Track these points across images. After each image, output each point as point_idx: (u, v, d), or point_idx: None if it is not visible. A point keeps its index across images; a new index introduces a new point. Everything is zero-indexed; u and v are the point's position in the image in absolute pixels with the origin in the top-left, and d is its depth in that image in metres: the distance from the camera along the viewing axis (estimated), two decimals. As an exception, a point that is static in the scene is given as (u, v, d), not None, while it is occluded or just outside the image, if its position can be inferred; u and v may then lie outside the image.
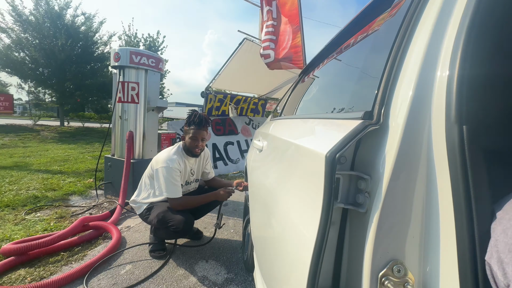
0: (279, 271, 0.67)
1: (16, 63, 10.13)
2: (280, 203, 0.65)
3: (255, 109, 6.63)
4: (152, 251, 1.78)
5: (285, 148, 0.70)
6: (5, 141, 7.32)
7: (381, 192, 0.36)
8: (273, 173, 0.78)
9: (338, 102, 0.68)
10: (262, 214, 0.95)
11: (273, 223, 0.72)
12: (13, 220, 2.17)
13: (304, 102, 0.98)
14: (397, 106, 0.40)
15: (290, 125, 0.83)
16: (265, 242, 0.82)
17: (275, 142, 0.88)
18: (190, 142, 1.76)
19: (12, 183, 3.24)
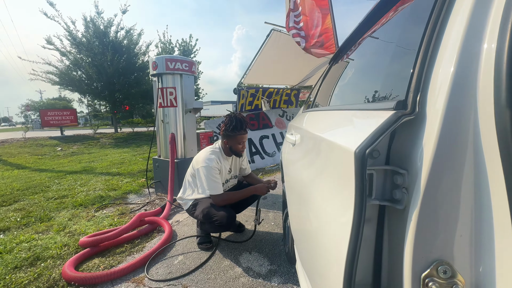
0: (318, 265, 0.67)
1: (75, 81, 11.65)
2: (314, 198, 0.64)
3: (288, 100, 6.51)
4: (200, 243, 1.92)
5: (315, 143, 0.68)
6: (74, 149, 8.55)
7: (419, 187, 0.33)
8: (306, 168, 0.77)
9: (370, 90, 0.63)
10: (298, 209, 0.95)
11: (309, 218, 0.72)
12: (86, 217, 2.55)
13: (335, 92, 0.93)
14: (435, 90, 0.35)
15: (320, 118, 0.80)
16: (304, 236, 0.83)
17: (306, 136, 0.86)
18: (235, 146, 1.87)
19: (82, 185, 3.79)
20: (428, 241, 0.33)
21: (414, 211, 0.33)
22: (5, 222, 2.44)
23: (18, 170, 5.42)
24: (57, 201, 3.05)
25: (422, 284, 0.32)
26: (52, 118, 11.35)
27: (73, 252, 1.85)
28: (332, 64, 1.16)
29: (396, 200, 0.38)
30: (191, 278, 1.55)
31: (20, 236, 2.10)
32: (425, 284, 0.32)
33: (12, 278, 1.54)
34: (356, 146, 0.37)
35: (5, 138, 10.10)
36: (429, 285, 0.32)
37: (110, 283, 1.52)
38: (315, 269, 0.71)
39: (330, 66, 1.19)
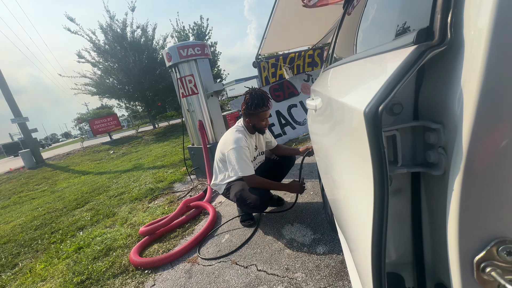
0: (352, 238, 0.61)
1: (109, 87, 12.54)
2: (336, 169, 0.57)
3: (312, 62, 6.05)
4: (243, 221, 1.99)
5: (330, 105, 0.59)
6: (124, 150, 9.47)
7: (461, 144, 0.24)
8: (326, 136, 0.68)
9: (385, 26, 0.49)
10: (327, 177, 0.88)
11: (336, 188, 0.65)
12: (142, 209, 2.85)
13: (349, 40, 0.78)
14: (474, 2, 0.24)
15: (335, 75, 0.68)
16: (335, 205, 0.77)
17: (323, 99, 0.76)
18: (259, 124, 1.82)
19: (135, 181, 4.21)
20: (481, 215, 0.24)
21: (456, 176, 0.25)
22: (82, 221, 2.87)
23: (84, 176, 6.26)
24: (118, 198, 3.45)
25: (476, 270, 0.25)
26: (99, 126, 12.61)
27: (136, 240, 2.10)
28: (345, 11, 0.98)
29: (431, 164, 0.29)
30: (238, 254, 1.64)
31: (94, 232, 2.45)
32: (481, 270, 0.24)
33: (94, 267, 1.83)
34: (366, 104, 0.28)
35: (68, 151, 11.63)
36: (487, 271, 0.24)
37: (169, 264, 1.70)
38: (350, 239, 0.66)
39: (344, 11, 1.00)
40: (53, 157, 10.50)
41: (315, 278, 1.29)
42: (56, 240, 2.52)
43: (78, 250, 2.16)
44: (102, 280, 1.67)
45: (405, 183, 0.34)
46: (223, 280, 1.43)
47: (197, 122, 3.19)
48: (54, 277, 1.84)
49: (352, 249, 0.61)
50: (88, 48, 11.85)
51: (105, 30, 11.59)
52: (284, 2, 4.00)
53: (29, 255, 2.35)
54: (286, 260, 1.47)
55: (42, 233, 2.81)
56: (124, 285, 1.58)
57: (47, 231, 2.82)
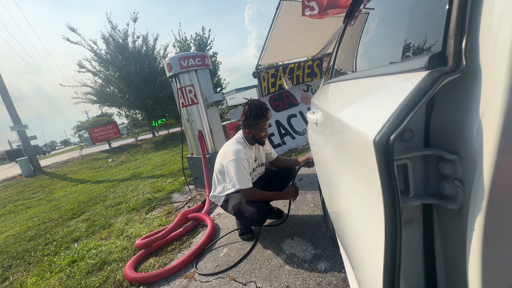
0: (357, 260, 0.58)
1: (110, 96, 12.61)
2: (340, 187, 0.54)
3: (312, 72, 6.12)
4: (241, 234, 1.94)
5: (332, 124, 0.57)
6: (122, 158, 9.42)
7: (482, 179, 0.22)
8: (328, 152, 0.67)
9: (394, 44, 0.48)
10: (329, 192, 0.85)
11: (340, 205, 0.62)
12: (139, 220, 2.79)
13: (352, 56, 0.77)
14: (491, 26, 0.22)
15: (338, 92, 0.67)
16: (339, 222, 0.74)
17: (325, 116, 0.74)
18: (258, 135, 1.81)
19: (132, 191, 4.15)
20: (508, 259, 0.22)
21: (478, 214, 0.23)
22: (77, 232, 2.80)
23: (81, 184, 6.18)
24: (114, 208, 3.39)
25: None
26: (99, 134, 12.59)
27: (132, 254, 2.04)
28: (347, 22, 0.98)
29: (446, 196, 0.27)
30: (237, 269, 1.58)
31: (89, 244, 2.38)
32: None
33: (87, 282, 1.76)
34: (376, 132, 0.26)
35: (67, 158, 11.57)
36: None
37: (165, 280, 1.64)
38: (354, 259, 0.63)
39: (345, 25, 1.00)
40: (51, 165, 10.43)
41: (317, 297, 1.24)
42: (49, 252, 2.45)
43: (72, 264, 2.09)
44: (95, 296, 1.61)
45: (417, 214, 0.31)
46: (221, 298, 1.38)
47: (196, 132, 3.18)
48: (45, 293, 1.78)
49: (356, 268, 0.58)
50: (89, 58, 12.01)
51: (107, 40, 11.76)
52: (284, 14, 4.09)
53: (21, 268, 2.28)
54: (287, 277, 1.42)
55: (36, 244, 2.74)
56: (117, 302, 1.52)
57: (41, 243, 2.75)
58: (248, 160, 1.80)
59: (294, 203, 2.22)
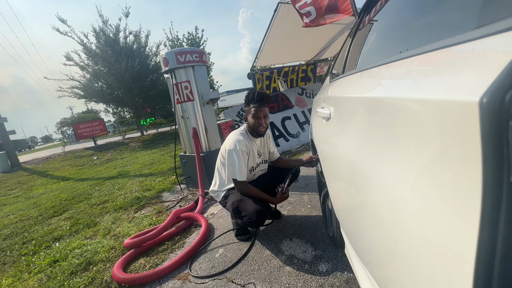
0: (394, 268, 0.54)
1: (98, 91, 12.19)
2: (376, 181, 0.51)
3: (305, 76, 6.19)
4: (238, 235, 1.88)
5: (374, 107, 0.54)
6: (108, 156, 9.09)
7: None
8: (356, 143, 0.63)
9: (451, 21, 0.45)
10: (346, 191, 0.82)
11: (368, 204, 0.59)
12: (127, 219, 2.66)
13: (388, 43, 0.74)
14: None
15: (371, 77, 0.64)
16: (360, 224, 0.70)
17: (350, 104, 0.71)
18: (253, 122, 1.74)
19: (120, 189, 3.98)
20: None
21: None
22: (59, 231, 2.63)
23: (64, 182, 5.88)
24: (100, 207, 3.22)
25: None
26: (84, 130, 12.13)
27: (120, 254, 1.92)
28: (363, 17, 0.97)
29: None
30: (234, 270, 1.52)
31: (72, 243, 2.23)
32: None
33: (70, 284, 1.64)
34: (481, 91, 0.22)
35: (48, 155, 11.03)
36: None
37: (157, 282, 1.54)
38: (387, 271, 0.59)
39: (359, 21, 0.99)
40: (30, 161, 9.91)
41: (320, 299, 1.19)
42: (28, 251, 2.28)
43: (53, 264, 1.95)
44: (80, 299, 1.49)
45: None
46: (218, 301, 1.30)
47: (191, 130, 3.09)
48: (22, 295, 1.63)
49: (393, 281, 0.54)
50: (78, 50, 11.59)
51: (98, 33, 11.42)
52: (282, 17, 4.10)
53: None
54: (287, 278, 1.37)
55: (12, 243, 2.55)
56: (104, 305, 1.41)
57: (18, 241, 2.56)
58: (248, 153, 1.75)
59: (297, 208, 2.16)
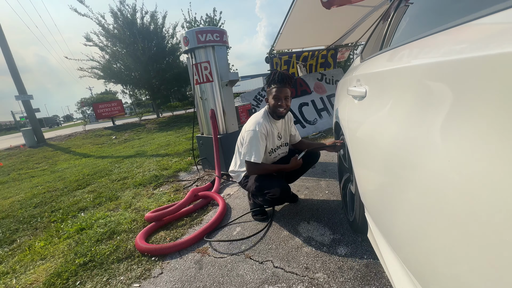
0: (434, 254, 0.52)
1: (116, 73, 12.42)
2: (431, 164, 0.48)
3: (325, 62, 5.97)
4: (255, 215, 1.91)
5: (436, 74, 0.49)
6: (126, 137, 9.38)
7: None
8: (403, 121, 0.60)
9: None
10: (381, 174, 0.79)
11: (414, 189, 0.56)
12: (146, 195, 2.76)
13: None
14: None
15: (427, 45, 0.58)
16: (399, 210, 0.67)
17: (398, 76, 0.66)
18: (273, 103, 1.71)
19: (138, 167, 4.11)
20: None
21: None
22: (83, 202, 2.78)
23: (85, 158, 6.16)
24: (120, 182, 3.36)
25: None
26: (103, 111, 12.50)
27: (141, 226, 2.01)
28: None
29: None
30: (253, 248, 1.55)
31: (96, 214, 2.36)
32: None
33: (97, 250, 1.74)
34: None
35: (70, 133, 11.54)
36: None
37: (178, 253, 1.61)
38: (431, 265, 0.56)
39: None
40: (54, 138, 10.41)
41: (339, 281, 1.20)
42: (56, 219, 2.43)
43: (80, 231, 2.07)
44: (106, 263, 1.58)
45: None
46: (237, 274, 1.34)
47: (209, 111, 3.09)
48: (54, 257, 1.75)
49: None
50: (97, 32, 11.73)
51: (115, 14, 11.46)
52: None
53: (28, 232, 2.27)
54: (305, 258, 1.38)
55: (42, 211, 2.72)
56: (129, 271, 1.49)
57: (47, 210, 2.73)
58: (266, 135, 1.74)
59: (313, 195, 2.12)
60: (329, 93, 5.02)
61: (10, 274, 1.64)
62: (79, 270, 1.55)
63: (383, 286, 1.13)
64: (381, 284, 1.14)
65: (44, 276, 1.54)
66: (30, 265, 1.71)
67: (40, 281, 1.51)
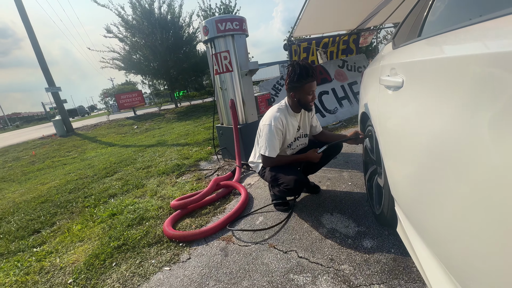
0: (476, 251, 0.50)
1: (136, 63, 12.70)
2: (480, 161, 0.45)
3: (347, 48, 5.71)
4: (277, 205, 1.92)
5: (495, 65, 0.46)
6: (147, 126, 9.70)
7: None
8: (450, 115, 0.56)
9: None
10: (419, 168, 0.75)
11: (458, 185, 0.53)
12: (170, 183, 2.87)
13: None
14: None
15: (483, 34, 0.53)
16: (439, 210, 0.65)
17: (447, 67, 0.62)
18: (304, 98, 1.67)
19: (160, 156, 4.27)
20: None
21: None
22: (112, 189, 2.95)
23: (110, 147, 6.48)
24: (145, 171, 3.51)
25: None
26: (125, 101, 12.96)
27: (167, 213, 2.11)
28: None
29: None
30: (276, 238, 1.58)
31: (125, 201, 2.50)
32: None
33: (129, 234, 1.85)
34: None
35: (95, 122, 12.13)
36: None
37: (204, 240, 1.68)
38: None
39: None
40: (81, 127, 11.01)
41: (365, 273, 1.19)
42: (89, 204, 2.61)
43: (112, 216, 2.21)
44: (138, 247, 1.69)
45: None
46: (262, 263, 1.38)
47: (229, 101, 3.10)
48: (91, 239, 1.90)
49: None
50: (117, 23, 11.96)
51: (134, 4, 11.58)
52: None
53: (65, 215, 2.46)
54: (330, 250, 1.39)
55: (76, 196, 2.93)
56: (159, 255, 1.59)
57: (81, 195, 2.93)
58: (283, 131, 1.72)
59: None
60: (350, 80, 4.83)
61: (54, 253, 1.80)
62: (114, 253, 1.67)
63: (412, 281, 1.11)
64: (410, 278, 1.12)
65: (84, 257, 1.68)
66: (70, 246, 1.87)
67: (80, 261, 1.65)
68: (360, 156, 2.73)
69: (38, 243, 2.00)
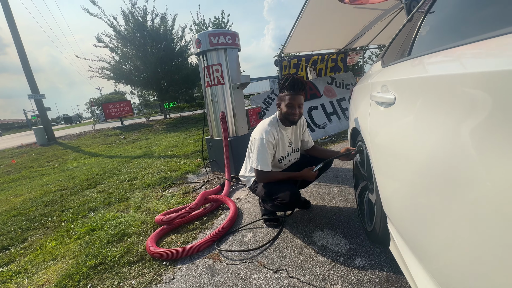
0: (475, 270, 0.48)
1: (126, 73, 12.58)
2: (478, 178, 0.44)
3: (335, 66, 5.92)
4: (267, 221, 1.87)
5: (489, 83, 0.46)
6: (134, 137, 9.47)
7: None
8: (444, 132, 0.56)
9: None
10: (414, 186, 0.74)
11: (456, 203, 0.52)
12: (156, 196, 2.75)
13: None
14: None
15: (472, 54, 0.55)
16: (435, 224, 0.63)
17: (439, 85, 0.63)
18: (286, 110, 1.66)
19: (147, 168, 4.12)
20: None
21: None
22: (93, 202, 2.79)
23: (94, 158, 6.23)
24: (130, 183, 3.36)
25: None
26: (112, 111, 12.67)
27: (151, 228, 1.99)
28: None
29: None
30: (266, 255, 1.51)
31: (107, 215, 2.35)
32: None
33: (108, 252, 1.72)
34: None
35: (79, 132, 11.72)
36: None
37: (189, 258, 1.58)
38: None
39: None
40: (64, 136, 10.58)
41: (358, 294, 1.15)
42: (67, 218, 2.44)
43: (91, 232, 2.07)
44: (117, 267, 1.56)
45: None
46: (251, 283, 1.30)
47: (219, 113, 3.08)
48: (65, 257, 1.75)
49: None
50: (108, 33, 11.93)
51: (127, 16, 11.64)
52: (316, 1, 3.87)
53: (39, 231, 2.28)
54: (321, 269, 1.34)
55: (53, 210, 2.74)
56: (140, 275, 1.47)
57: (58, 209, 2.75)
58: (274, 144, 1.70)
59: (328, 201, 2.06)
60: (339, 96, 4.96)
61: (22, 273, 1.64)
62: (90, 273, 1.53)
63: (406, 302, 1.07)
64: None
65: (56, 277, 1.53)
66: (42, 265, 1.71)
67: (51, 282, 1.50)
68: (350, 171, 2.75)
69: (5, 262, 1.82)
